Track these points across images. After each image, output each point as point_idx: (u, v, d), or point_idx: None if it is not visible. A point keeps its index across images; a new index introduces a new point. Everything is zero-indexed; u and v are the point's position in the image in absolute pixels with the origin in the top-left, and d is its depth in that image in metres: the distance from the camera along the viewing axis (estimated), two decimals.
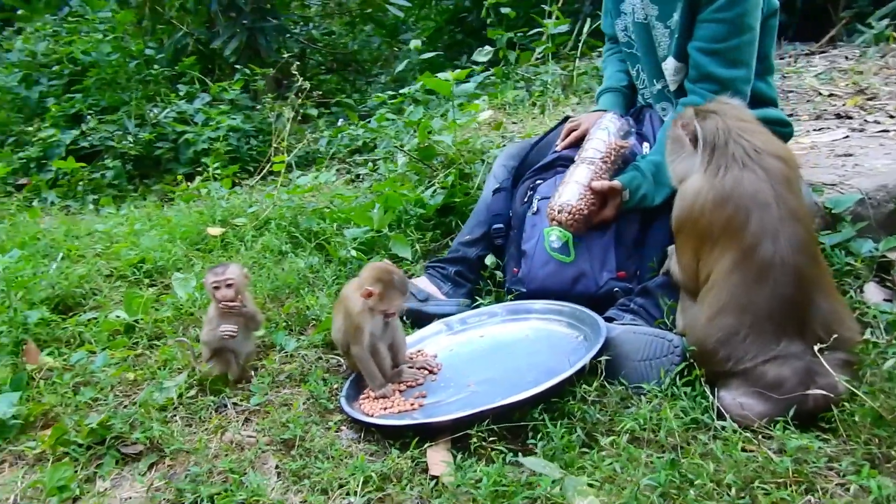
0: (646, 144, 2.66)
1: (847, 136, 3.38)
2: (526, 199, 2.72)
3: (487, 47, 4.75)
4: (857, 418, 1.75)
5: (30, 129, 5.80)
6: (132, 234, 3.66)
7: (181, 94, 6.00)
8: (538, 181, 2.72)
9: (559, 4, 5.12)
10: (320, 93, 6.77)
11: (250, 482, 1.82)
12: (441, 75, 3.53)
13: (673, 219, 2.12)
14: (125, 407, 2.25)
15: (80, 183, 5.27)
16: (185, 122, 5.63)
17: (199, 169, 4.86)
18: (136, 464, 2.01)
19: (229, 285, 2.34)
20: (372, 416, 2.10)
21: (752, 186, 1.89)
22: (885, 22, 5.72)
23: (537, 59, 5.24)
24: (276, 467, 1.92)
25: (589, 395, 1.93)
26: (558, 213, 2.45)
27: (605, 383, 2.01)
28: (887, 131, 3.41)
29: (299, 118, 5.66)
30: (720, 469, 1.66)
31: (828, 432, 1.80)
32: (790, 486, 1.61)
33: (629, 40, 2.77)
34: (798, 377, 1.81)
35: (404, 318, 2.60)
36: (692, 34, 2.48)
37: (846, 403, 1.79)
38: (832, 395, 1.79)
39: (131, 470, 1.99)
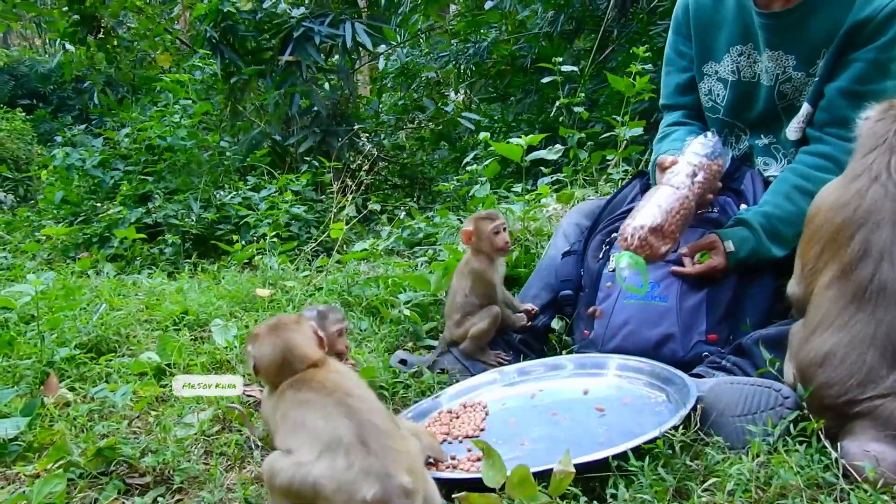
0: (743, 205, 2.35)
1: None
2: (601, 256, 2.45)
3: (558, 146, 4.64)
4: None
5: (98, 205, 5.87)
6: (179, 291, 3.51)
7: (249, 184, 6.05)
8: (615, 235, 2.43)
9: (629, 116, 5.01)
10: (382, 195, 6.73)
11: None
12: (513, 140, 3.40)
13: None
14: (138, 437, 2.00)
15: (138, 258, 5.23)
16: (250, 207, 5.62)
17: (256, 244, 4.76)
18: (142, 497, 1.74)
19: None
20: None
21: (871, 201, 1.66)
22: None
23: (608, 161, 5.10)
24: None
25: (678, 443, 1.59)
26: (631, 236, 2.08)
27: (700, 434, 1.66)
28: None
29: (362, 214, 5.61)
30: None
31: None
32: None
33: (714, 104, 2.54)
34: None
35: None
36: (832, 76, 2.21)
37: None
38: None
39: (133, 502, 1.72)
